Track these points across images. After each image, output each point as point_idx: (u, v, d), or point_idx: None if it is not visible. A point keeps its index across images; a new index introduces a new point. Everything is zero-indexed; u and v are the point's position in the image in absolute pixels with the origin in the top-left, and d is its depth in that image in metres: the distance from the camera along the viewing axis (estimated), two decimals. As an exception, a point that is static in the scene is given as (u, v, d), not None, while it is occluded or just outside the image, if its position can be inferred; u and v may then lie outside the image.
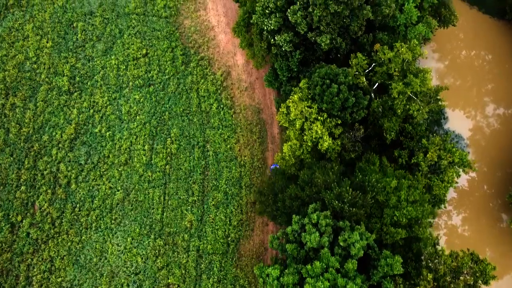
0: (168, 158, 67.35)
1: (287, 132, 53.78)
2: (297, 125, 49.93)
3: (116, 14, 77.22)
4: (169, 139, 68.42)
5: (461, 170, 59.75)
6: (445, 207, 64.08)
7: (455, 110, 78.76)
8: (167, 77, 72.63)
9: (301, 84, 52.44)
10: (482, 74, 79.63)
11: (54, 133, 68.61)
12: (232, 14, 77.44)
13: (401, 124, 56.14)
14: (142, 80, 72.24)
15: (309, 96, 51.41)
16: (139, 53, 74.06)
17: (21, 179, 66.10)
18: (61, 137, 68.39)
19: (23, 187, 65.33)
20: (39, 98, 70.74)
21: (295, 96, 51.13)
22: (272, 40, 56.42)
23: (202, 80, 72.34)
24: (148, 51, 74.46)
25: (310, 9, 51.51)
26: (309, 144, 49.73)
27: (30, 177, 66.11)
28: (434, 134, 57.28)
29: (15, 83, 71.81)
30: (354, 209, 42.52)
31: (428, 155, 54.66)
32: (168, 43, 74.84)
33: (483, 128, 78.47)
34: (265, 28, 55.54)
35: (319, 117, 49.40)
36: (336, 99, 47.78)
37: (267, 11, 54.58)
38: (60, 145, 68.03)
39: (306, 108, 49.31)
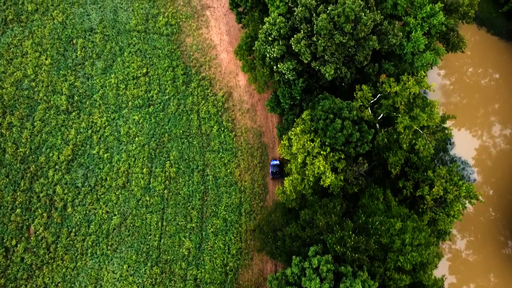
0: (167, 182, 65.82)
1: (289, 165, 52.14)
2: (299, 159, 48.31)
3: (117, 31, 75.78)
4: (168, 162, 66.94)
5: (467, 201, 58.14)
6: (450, 239, 62.40)
7: (461, 129, 77.22)
8: (167, 97, 71.14)
9: (303, 115, 50.79)
10: (489, 93, 78.16)
11: (51, 154, 67.22)
12: (235, 33, 75.90)
13: (406, 154, 54.39)
14: (142, 100, 70.77)
15: (311, 129, 49.78)
16: (139, 72, 72.59)
17: (17, 202, 64.77)
18: (58, 158, 66.99)
19: (18, 210, 64.01)
20: (37, 117, 69.39)
21: (298, 128, 49.50)
22: (275, 67, 54.81)
23: (203, 101, 70.80)
24: (148, 70, 72.99)
25: (315, 38, 49.85)
26: (311, 179, 48.11)
27: (26, 199, 64.76)
28: (440, 166, 55.41)
29: (13, 101, 70.47)
30: (356, 254, 40.89)
31: (434, 190, 52.91)
32: (169, 62, 73.35)
33: (489, 148, 76.82)
34: (268, 55, 53.91)
35: (321, 152, 47.77)
36: (339, 134, 46.14)
37: (270, 38, 52.95)
38: (57, 166, 66.63)
39: (308, 142, 47.67)
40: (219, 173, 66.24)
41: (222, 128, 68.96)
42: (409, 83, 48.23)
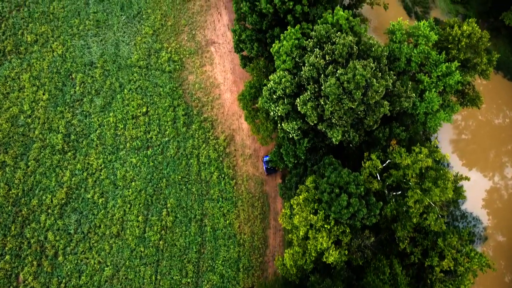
0: (163, 231, 62.97)
1: (290, 235, 49.06)
2: (301, 233, 45.24)
3: (118, 66, 73.15)
4: (165, 210, 64.10)
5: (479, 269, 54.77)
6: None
7: (471, 169, 74.02)
8: (166, 139, 68.33)
9: (307, 182, 47.69)
10: (502, 134, 75.03)
11: (44, 197, 64.62)
12: (240, 71, 73.00)
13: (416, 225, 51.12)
14: (141, 141, 68.02)
15: (315, 197, 46.67)
16: (138, 111, 69.87)
17: (6, 247, 62.20)
18: (51, 201, 64.38)
19: (7, 257, 61.46)
20: (31, 156, 66.85)
21: (300, 196, 46.43)
22: (279, 125, 51.82)
23: (204, 145, 67.91)
24: (148, 109, 70.24)
25: (322, 101, 46.76)
26: (313, 254, 45.01)
27: (16, 245, 62.20)
28: (451, 235, 52.01)
29: (7, 138, 68.00)
30: None
31: (444, 262, 49.64)
32: (170, 101, 70.57)
33: (501, 190, 73.72)
34: (272, 113, 50.91)
35: (325, 225, 44.65)
36: (345, 211, 43.03)
37: (274, 96, 49.94)
38: (49, 210, 64.03)
39: (311, 215, 44.55)
40: (217, 224, 63.29)
41: (223, 175, 66.01)
42: (421, 155, 44.99)
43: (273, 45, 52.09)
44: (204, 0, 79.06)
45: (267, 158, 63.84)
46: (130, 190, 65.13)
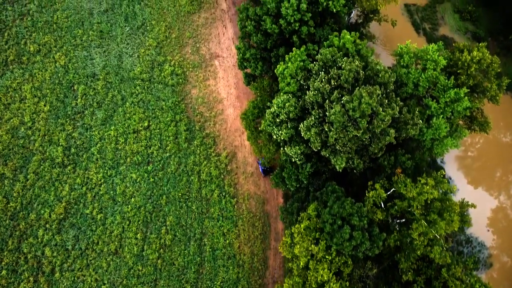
0: (161, 250, 61.98)
1: (290, 264, 47.93)
2: (301, 263, 44.12)
3: (120, 78, 72.34)
4: (164, 228, 63.12)
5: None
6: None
7: (477, 187, 72.63)
8: (168, 154, 67.38)
9: (309, 210, 46.54)
10: (510, 153, 73.63)
11: (42, 211, 63.84)
12: (243, 86, 71.88)
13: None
14: (141, 156, 67.12)
15: (317, 226, 45.52)
16: (140, 125, 68.98)
17: (3, 262, 61.41)
18: (50, 216, 63.58)
19: (4, 272, 60.64)
20: (31, 169, 66.10)
21: (302, 225, 45.30)
22: (282, 149, 50.72)
23: (205, 162, 66.89)
24: (150, 123, 69.33)
25: (326, 128, 45.57)
26: (314, 286, 43.82)
27: (13, 260, 61.40)
28: (455, 266, 50.61)
29: (7, 150, 67.29)
30: None
31: (448, 294, 48.32)
32: (172, 115, 69.64)
33: (507, 210, 72.22)
34: (275, 136, 49.80)
35: (326, 256, 43.49)
36: (347, 244, 41.84)
37: (277, 120, 48.82)
38: (47, 225, 63.22)
39: (312, 245, 43.40)
40: (217, 244, 62.23)
41: (224, 193, 64.96)
42: (427, 187, 43.69)
43: (278, 66, 51.00)
44: (210, 12, 78.13)
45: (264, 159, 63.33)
46: (129, 206, 64.23)
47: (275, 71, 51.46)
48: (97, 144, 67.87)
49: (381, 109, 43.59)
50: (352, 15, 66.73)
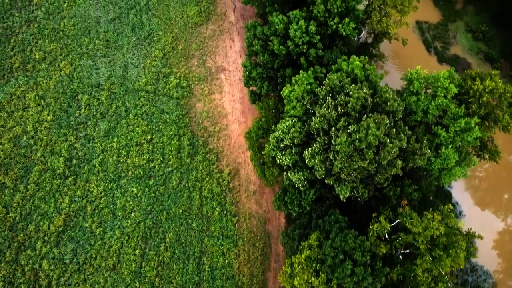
0: (160, 268, 61.07)
1: (289, 293, 46.79)
2: (301, 295, 42.95)
3: (125, 89, 71.57)
4: (164, 244, 62.19)
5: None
6: None
7: (484, 209, 71.09)
8: (170, 169, 66.47)
9: (311, 240, 45.38)
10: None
11: (41, 223, 63.19)
12: (249, 102, 70.69)
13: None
14: (143, 170, 66.26)
15: (318, 257, 44.32)
16: (143, 138, 68.14)
17: (0, 274, 60.84)
18: (49, 228, 62.92)
19: (0, 284, 60.04)
20: (31, 179, 65.48)
21: (303, 255, 44.12)
22: (285, 174, 49.59)
23: (207, 178, 65.88)
24: (153, 137, 68.48)
25: (331, 156, 44.37)
26: (313, 319, 42.71)
27: (10, 272, 60.77)
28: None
29: (9, 159, 66.74)
30: None
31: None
32: (175, 129, 68.73)
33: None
34: (278, 161, 48.66)
35: (327, 289, 42.32)
36: (348, 280, 40.62)
37: (281, 145, 47.68)
38: (46, 237, 62.54)
39: (313, 278, 42.24)
40: (216, 263, 61.21)
41: (225, 211, 63.91)
42: (433, 223, 42.31)
43: (284, 88, 49.84)
44: (217, 24, 77.16)
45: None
46: (129, 221, 63.39)
47: (281, 93, 50.33)
48: (99, 156, 67.10)
49: (388, 140, 42.32)
50: (362, 35, 65.41)
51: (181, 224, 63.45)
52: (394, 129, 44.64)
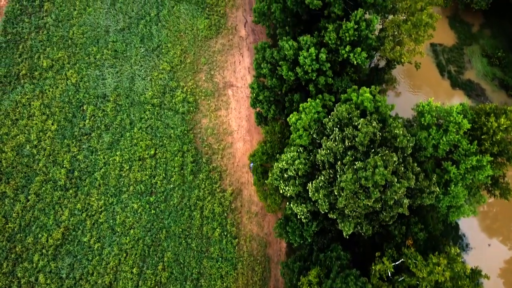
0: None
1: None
2: (298, 334, 41.65)
3: (131, 101, 70.73)
4: (161, 264, 61.19)
5: None
6: None
7: (492, 237, 69.13)
8: (171, 186, 65.47)
9: (311, 277, 44.04)
10: None
11: (40, 235, 62.54)
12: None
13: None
14: (144, 186, 65.35)
15: (318, 294, 42.97)
16: (146, 152, 67.22)
17: (-4, 285, 60.43)
18: (47, 241, 62.25)
19: (-4, 295, 59.61)
20: (32, 190, 64.88)
21: (302, 292, 42.80)
22: (288, 204, 48.28)
23: (209, 197, 64.77)
24: (156, 152, 67.52)
25: (336, 191, 42.94)
26: None
27: (6, 284, 60.21)
28: None
29: (11, 168, 66.23)
30: None
31: None
32: (179, 145, 67.72)
33: None
34: (281, 191, 47.38)
35: (325, 329, 40.95)
36: (348, 323, 39.25)
37: (285, 175, 46.37)
38: (43, 250, 61.88)
39: (311, 318, 41.00)
40: (214, 286, 60.03)
41: (225, 233, 62.74)
42: (439, 268, 40.70)
43: (291, 116, 48.49)
44: (227, 39, 76.01)
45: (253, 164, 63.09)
46: (128, 237, 62.49)
47: (288, 120, 49.02)
48: (101, 169, 66.32)
49: (396, 179, 40.80)
50: (374, 59, 63.82)
51: (180, 244, 62.41)
52: (403, 167, 43.09)
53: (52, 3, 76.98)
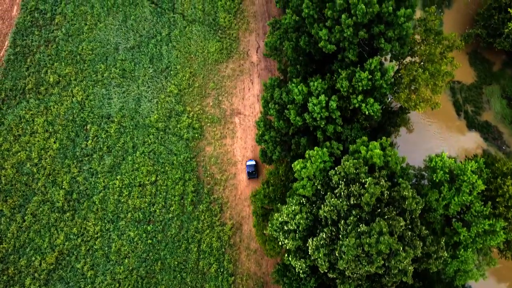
0: (147, 322, 58.54)
1: None
2: None
3: (135, 123, 69.19)
4: (154, 297, 59.63)
5: None
6: None
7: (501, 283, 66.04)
8: (170, 216, 63.79)
9: None
10: None
11: (33, 258, 61.39)
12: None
13: None
14: (143, 214, 63.76)
15: None
16: (147, 178, 65.63)
17: (-15, 307, 59.43)
18: (40, 265, 61.08)
19: (-16, 318, 58.60)
20: (29, 210, 63.78)
21: None
22: (286, 257, 46.14)
23: (208, 230, 62.92)
24: (157, 179, 65.88)
25: (337, 252, 40.69)
26: None
27: (-5, 306, 59.28)
28: None
29: (9, 186, 65.22)
30: None
31: None
32: (181, 173, 65.97)
33: None
34: (280, 243, 45.27)
35: None
36: None
37: (285, 228, 44.25)
38: (36, 274, 60.71)
39: None
40: (206, 326, 58.30)
41: (222, 269, 60.84)
42: None
43: (296, 162, 46.31)
44: (238, 64, 74.02)
45: (251, 162, 65.04)
46: (122, 267, 60.97)
47: (292, 166, 46.87)
48: (100, 193, 64.93)
49: (401, 248, 38.41)
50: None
51: (174, 278, 60.66)
52: (410, 232, 40.66)
53: (64, 17, 75.84)
